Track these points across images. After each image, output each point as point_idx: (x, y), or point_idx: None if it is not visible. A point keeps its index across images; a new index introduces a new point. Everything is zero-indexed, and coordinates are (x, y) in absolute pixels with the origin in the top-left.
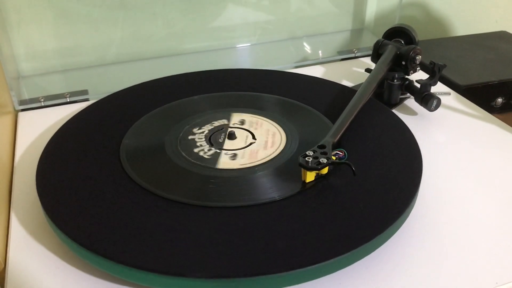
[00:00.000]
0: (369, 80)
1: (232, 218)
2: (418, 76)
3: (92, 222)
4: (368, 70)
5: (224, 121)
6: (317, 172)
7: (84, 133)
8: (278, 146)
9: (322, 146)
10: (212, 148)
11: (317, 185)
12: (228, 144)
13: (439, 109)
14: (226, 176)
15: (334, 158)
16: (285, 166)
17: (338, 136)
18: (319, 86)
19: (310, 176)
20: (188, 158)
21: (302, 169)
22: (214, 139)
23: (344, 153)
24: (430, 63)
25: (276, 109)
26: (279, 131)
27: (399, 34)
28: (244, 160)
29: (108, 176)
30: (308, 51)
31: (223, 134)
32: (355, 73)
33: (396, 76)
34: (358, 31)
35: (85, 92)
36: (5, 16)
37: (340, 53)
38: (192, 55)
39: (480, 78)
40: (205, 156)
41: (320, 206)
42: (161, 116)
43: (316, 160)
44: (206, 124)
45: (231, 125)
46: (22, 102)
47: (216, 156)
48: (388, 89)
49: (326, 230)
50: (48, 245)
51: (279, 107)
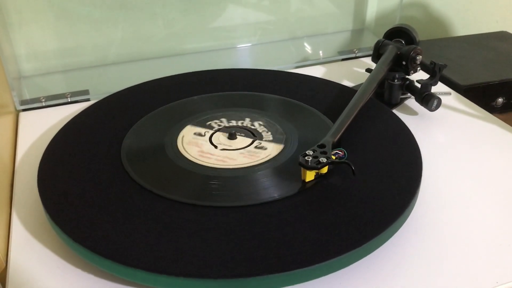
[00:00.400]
0: (370, 80)
1: (232, 217)
2: (418, 76)
3: (93, 222)
4: (369, 70)
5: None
6: (316, 171)
7: (85, 133)
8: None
9: (322, 146)
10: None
11: (317, 185)
12: (229, 143)
13: (440, 109)
14: (226, 176)
15: (333, 157)
16: (285, 165)
17: (338, 135)
18: (320, 86)
19: (309, 176)
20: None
21: (302, 168)
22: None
23: (344, 152)
24: (431, 63)
25: (276, 109)
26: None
27: (399, 34)
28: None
29: (109, 176)
30: (309, 51)
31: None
32: (355, 73)
33: (397, 76)
34: (358, 31)
35: (86, 92)
36: (6, 16)
37: (341, 53)
38: (193, 55)
39: (481, 78)
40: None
41: (320, 205)
42: (161, 116)
43: (316, 160)
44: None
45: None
46: (23, 102)
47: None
48: (389, 89)
49: (326, 229)
50: (49, 244)
51: (280, 107)
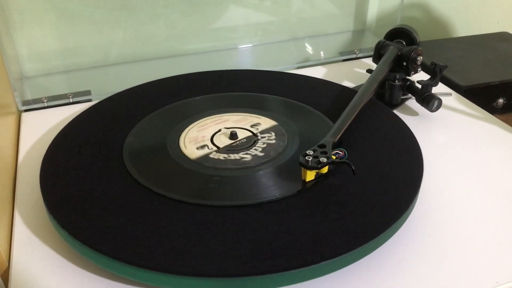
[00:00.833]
0: (370, 80)
1: (233, 217)
2: (419, 76)
3: (95, 222)
4: (370, 70)
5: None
6: (317, 171)
7: (87, 133)
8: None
9: (322, 146)
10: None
11: (317, 184)
12: (231, 143)
13: (440, 109)
14: (227, 175)
15: (334, 157)
16: (285, 165)
17: (339, 135)
18: (321, 87)
19: (310, 175)
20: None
21: (302, 168)
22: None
23: (344, 152)
24: (431, 63)
25: (277, 109)
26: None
27: (400, 35)
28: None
29: (111, 175)
30: (310, 52)
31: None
32: (356, 74)
33: (398, 76)
34: (359, 32)
35: (88, 92)
36: (8, 17)
37: (342, 53)
38: (194, 56)
39: (481, 79)
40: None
41: (320, 205)
42: (163, 116)
43: (316, 160)
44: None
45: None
46: (25, 103)
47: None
48: (390, 90)
49: (326, 229)
50: (51, 244)
51: (281, 108)
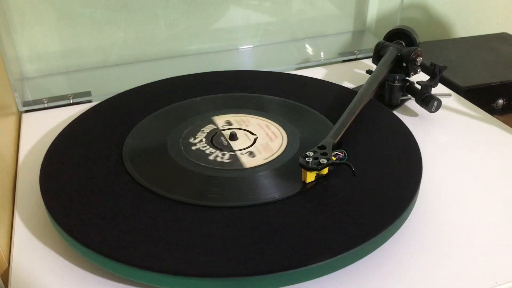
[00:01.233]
0: (370, 81)
1: (233, 218)
2: (419, 77)
3: (95, 222)
4: (369, 71)
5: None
6: (317, 172)
7: (88, 134)
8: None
9: (323, 147)
10: (217, 149)
11: (317, 185)
12: (233, 144)
13: (440, 110)
14: (227, 177)
15: (334, 158)
16: (286, 166)
17: (339, 137)
18: (320, 88)
19: (310, 177)
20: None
21: (303, 169)
22: (216, 141)
23: (344, 153)
24: (431, 64)
25: (277, 110)
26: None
27: (400, 35)
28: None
29: (111, 176)
30: (310, 53)
31: (225, 135)
32: (356, 75)
33: (397, 77)
34: (359, 32)
35: (88, 93)
36: (9, 18)
37: (342, 54)
38: (194, 56)
39: (481, 80)
40: (221, 160)
41: (320, 206)
42: (163, 117)
43: (316, 161)
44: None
45: (233, 126)
46: (25, 104)
47: (235, 158)
48: (389, 91)
49: (326, 230)
50: (51, 244)
51: (281, 108)
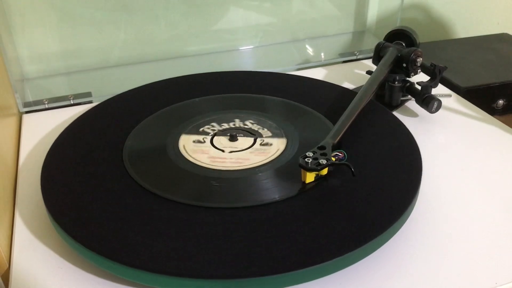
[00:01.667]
0: (370, 82)
1: (233, 218)
2: (419, 78)
3: (95, 223)
4: (369, 72)
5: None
6: (316, 173)
7: (88, 135)
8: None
9: (322, 147)
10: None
11: (317, 186)
12: (232, 145)
13: (440, 111)
14: (227, 177)
15: (333, 159)
16: (285, 167)
17: (338, 137)
18: (321, 88)
19: (310, 177)
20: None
21: (302, 170)
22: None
23: (344, 154)
24: (431, 65)
25: (278, 111)
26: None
27: (400, 36)
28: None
29: (111, 177)
30: (310, 53)
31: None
32: (356, 75)
33: (397, 78)
34: (359, 33)
35: (89, 94)
36: (10, 19)
37: (342, 55)
38: (195, 57)
39: (481, 80)
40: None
41: (319, 206)
42: (163, 117)
43: (316, 161)
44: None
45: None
46: (26, 104)
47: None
48: (389, 91)
49: (326, 230)
50: (51, 245)
51: (281, 109)
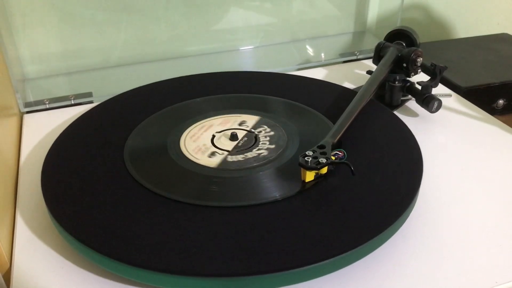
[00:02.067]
0: (370, 81)
1: (232, 217)
2: (419, 78)
3: (96, 222)
4: (370, 72)
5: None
6: (316, 172)
7: (89, 135)
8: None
9: (322, 146)
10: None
11: (316, 185)
12: (234, 144)
13: (440, 110)
14: (227, 176)
15: (333, 158)
16: (285, 166)
17: (338, 136)
18: (321, 88)
19: (309, 176)
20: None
21: (302, 168)
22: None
23: (344, 153)
24: (431, 65)
25: (278, 111)
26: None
27: (400, 36)
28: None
29: (112, 177)
30: (311, 54)
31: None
32: (356, 75)
33: (398, 78)
34: (360, 33)
35: (90, 94)
36: (11, 19)
37: (342, 55)
38: (195, 57)
39: (482, 80)
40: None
41: (319, 205)
42: (164, 118)
43: (316, 160)
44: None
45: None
46: (27, 104)
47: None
48: (390, 91)
49: (326, 229)
50: (52, 245)
51: (281, 109)
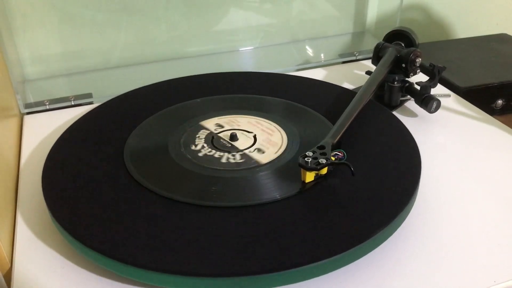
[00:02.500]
0: (369, 82)
1: (233, 217)
2: (418, 78)
3: (96, 222)
4: (369, 72)
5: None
6: (316, 172)
7: (89, 136)
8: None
9: (322, 147)
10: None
11: (316, 185)
12: (236, 144)
13: (439, 111)
14: (228, 177)
15: (333, 158)
16: (286, 166)
17: (338, 137)
18: (320, 89)
19: (309, 176)
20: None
21: (302, 169)
22: (216, 142)
23: (343, 153)
24: (430, 65)
25: (278, 111)
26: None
27: (399, 37)
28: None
29: (112, 177)
30: (310, 54)
31: (225, 136)
32: (356, 76)
33: (397, 78)
34: (359, 34)
35: (90, 95)
36: (11, 20)
37: (341, 55)
38: (195, 58)
39: (481, 80)
40: (229, 161)
41: (319, 205)
42: (164, 118)
43: (316, 161)
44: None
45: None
46: (27, 106)
47: (246, 157)
48: (389, 91)
49: (325, 229)
50: (53, 245)
51: (281, 109)
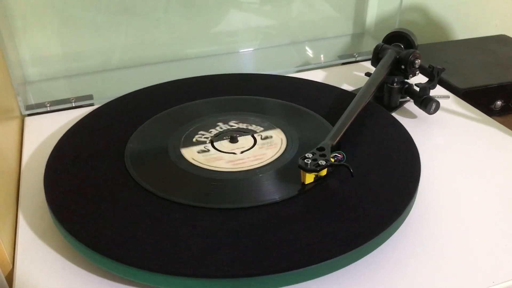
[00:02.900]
0: (369, 83)
1: (233, 219)
2: (417, 79)
3: (98, 224)
4: (368, 74)
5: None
6: (316, 174)
7: (90, 137)
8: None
9: (321, 149)
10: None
11: (316, 187)
12: (237, 146)
13: (438, 112)
14: (227, 179)
15: (332, 160)
16: (285, 168)
17: (337, 138)
18: (320, 90)
19: (309, 178)
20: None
21: (302, 171)
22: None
23: (343, 155)
24: (429, 66)
25: (277, 113)
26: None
27: (398, 38)
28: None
29: (113, 179)
30: (310, 55)
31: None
32: (355, 77)
33: (396, 79)
34: (358, 35)
35: (90, 97)
36: (11, 22)
37: (341, 57)
38: (195, 60)
39: (480, 81)
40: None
41: (319, 207)
42: (164, 120)
43: (315, 162)
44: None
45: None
46: (28, 107)
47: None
48: (388, 93)
49: (325, 230)
50: (55, 246)
51: (281, 111)
